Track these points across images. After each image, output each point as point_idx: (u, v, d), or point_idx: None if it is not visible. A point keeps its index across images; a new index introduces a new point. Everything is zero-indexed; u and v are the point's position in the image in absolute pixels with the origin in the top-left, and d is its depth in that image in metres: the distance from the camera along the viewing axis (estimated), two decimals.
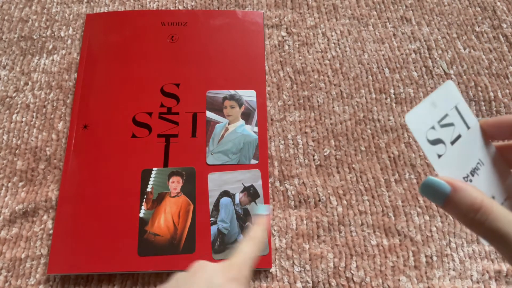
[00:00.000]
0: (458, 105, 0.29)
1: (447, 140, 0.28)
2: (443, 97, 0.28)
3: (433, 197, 0.24)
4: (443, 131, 0.28)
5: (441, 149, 0.27)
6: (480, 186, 0.27)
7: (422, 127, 0.27)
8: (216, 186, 0.48)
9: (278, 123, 0.53)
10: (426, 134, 0.27)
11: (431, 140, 0.27)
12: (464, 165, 0.27)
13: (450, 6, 0.61)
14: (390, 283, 0.44)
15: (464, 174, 0.27)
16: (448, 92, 0.29)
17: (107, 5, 0.60)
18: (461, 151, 0.28)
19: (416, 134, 0.27)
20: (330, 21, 0.60)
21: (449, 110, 0.28)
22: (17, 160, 0.50)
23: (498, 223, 0.22)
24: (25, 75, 0.55)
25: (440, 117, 0.28)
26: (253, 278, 0.45)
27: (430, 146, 0.27)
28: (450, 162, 0.27)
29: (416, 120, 0.27)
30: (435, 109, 0.28)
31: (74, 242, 0.45)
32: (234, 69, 0.54)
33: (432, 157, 0.27)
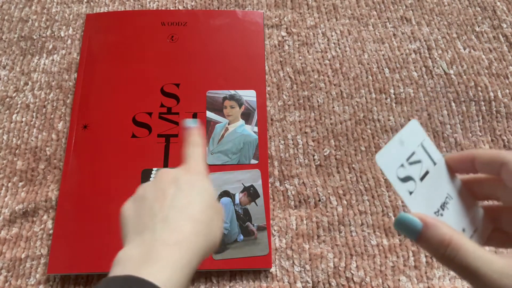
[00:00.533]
0: (423, 142, 0.30)
1: (416, 176, 0.29)
2: (409, 135, 0.29)
3: (406, 233, 0.25)
4: (412, 168, 0.29)
5: (411, 186, 0.28)
6: (451, 220, 0.28)
7: (392, 166, 0.28)
8: (216, 186, 0.48)
9: (278, 123, 0.53)
10: (397, 172, 0.28)
11: (401, 177, 0.28)
12: (434, 200, 0.28)
13: (450, 6, 0.61)
14: (390, 283, 0.44)
15: (435, 209, 0.28)
16: (414, 130, 0.30)
17: (107, 5, 0.60)
18: (430, 186, 0.29)
19: (387, 173, 0.28)
20: (330, 21, 0.60)
21: (415, 148, 0.29)
22: (17, 160, 0.50)
23: (467, 259, 0.23)
24: (25, 75, 0.55)
25: (408, 155, 0.29)
26: (253, 278, 0.45)
27: (401, 184, 0.28)
28: (421, 198, 0.28)
29: (386, 160, 0.28)
30: (403, 147, 0.29)
31: (74, 242, 0.45)
32: (234, 69, 0.54)
33: (403, 194, 0.28)
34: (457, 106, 0.54)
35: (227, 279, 0.45)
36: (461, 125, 0.53)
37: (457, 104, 0.54)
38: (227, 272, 0.45)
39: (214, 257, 0.44)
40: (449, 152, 0.31)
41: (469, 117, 0.53)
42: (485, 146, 0.52)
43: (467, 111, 0.54)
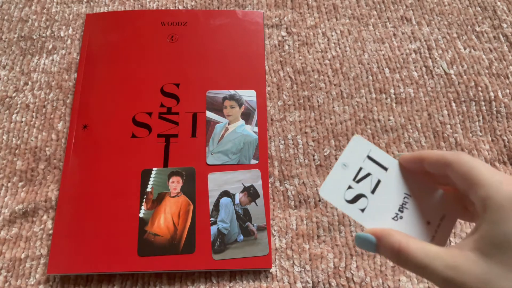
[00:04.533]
0: (370, 153, 0.30)
1: (367, 191, 0.29)
2: (352, 154, 0.30)
3: (367, 248, 0.28)
4: (361, 185, 0.29)
5: (363, 203, 0.29)
6: (412, 218, 0.29)
7: (338, 194, 0.29)
8: (216, 186, 0.48)
9: (278, 123, 0.52)
10: (344, 196, 0.29)
11: (350, 199, 0.29)
12: (391, 206, 0.29)
13: (450, 6, 0.61)
14: (390, 283, 0.44)
15: (393, 214, 0.29)
16: (357, 146, 0.30)
17: (107, 5, 0.60)
18: (384, 194, 0.29)
19: (334, 203, 0.29)
20: (330, 21, 0.60)
21: (361, 163, 0.30)
22: (17, 160, 0.50)
23: (416, 259, 0.24)
24: (25, 75, 0.55)
25: (354, 174, 0.30)
26: (253, 278, 0.45)
27: (351, 206, 0.29)
28: (375, 210, 0.29)
29: (330, 191, 0.29)
30: (347, 170, 0.30)
31: (74, 242, 0.45)
32: (234, 69, 0.54)
33: (355, 216, 0.29)
34: (458, 106, 0.54)
35: (227, 279, 0.45)
36: (461, 125, 0.53)
37: (458, 104, 0.54)
38: (227, 272, 0.45)
39: (214, 257, 0.44)
40: (402, 153, 0.31)
41: (470, 117, 0.53)
42: (485, 146, 0.52)
43: (468, 111, 0.54)
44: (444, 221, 0.29)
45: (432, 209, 0.29)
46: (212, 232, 0.45)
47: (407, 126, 0.53)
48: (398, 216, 0.29)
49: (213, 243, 0.45)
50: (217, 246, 0.45)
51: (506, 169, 0.50)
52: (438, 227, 0.28)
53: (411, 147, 0.51)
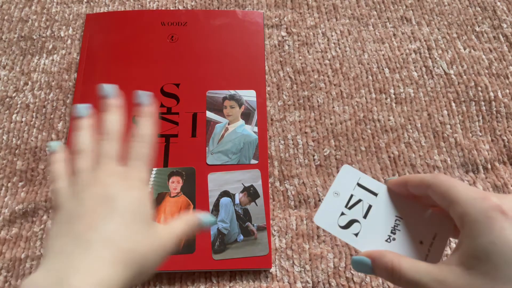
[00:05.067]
0: (360, 181, 0.32)
1: (359, 216, 0.31)
2: (342, 182, 0.32)
3: (363, 271, 0.29)
4: (353, 211, 0.31)
5: (356, 227, 0.31)
6: (404, 239, 0.30)
7: (332, 221, 0.31)
8: (216, 186, 0.48)
9: (278, 123, 0.53)
10: (338, 222, 0.31)
11: (344, 225, 0.31)
12: (383, 229, 0.31)
13: (450, 6, 0.61)
14: (390, 283, 0.44)
15: (385, 236, 0.30)
16: (346, 175, 0.32)
17: (107, 5, 0.60)
18: (376, 218, 0.31)
19: (328, 230, 0.31)
20: (330, 21, 0.60)
21: (352, 191, 0.32)
22: (17, 160, 0.50)
23: (407, 276, 0.26)
24: (25, 75, 0.55)
25: (346, 201, 0.31)
26: (253, 278, 0.45)
27: (345, 232, 0.31)
28: (369, 234, 0.30)
29: (324, 218, 0.31)
30: (339, 198, 0.31)
31: None
32: (234, 69, 0.54)
33: (349, 240, 0.30)
34: (457, 106, 0.54)
35: (227, 279, 0.45)
36: (461, 125, 0.53)
37: (457, 104, 0.54)
38: (227, 272, 0.45)
39: (214, 257, 0.44)
40: (389, 178, 0.33)
41: (469, 117, 0.53)
42: (485, 146, 0.52)
43: (467, 111, 0.54)
44: (436, 240, 0.30)
45: (424, 229, 0.30)
46: (212, 232, 0.45)
47: (407, 126, 0.53)
48: (391, 238, 0.30)
49: (213, 243, 0.45)
50: (217, 246, 0.45)
51: (506, 169, 0.50)
52: (431, 246, 0.30)
53: (411, 147, 0.51)
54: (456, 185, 0.26)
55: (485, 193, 0.25)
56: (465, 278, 0.24)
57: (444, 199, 0.27)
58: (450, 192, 0.26)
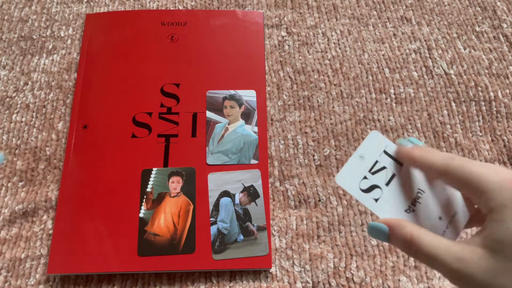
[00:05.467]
0: (386, 149, 0.31)
1: (382, 183, 0.31)
2: (369, 148, 0.31)
3: (379, 238, 0.29)
4: (376, 177, 0.31)
5: (377, 193, 0.30)
6: (423, 213, 0.30)
7: (353, 183, 0.31)
8: (216, 186, 0.48)
9: (278, 123, 0.53)
10: (359, 185, 0.31)
11: (365, 189, 0.31)
12: (404, 199, 0.30)
13: (450, 6, 0.61)
14: (390, 283, 0.44)
15: (406, 206, 0.30)
16: (374, 141, 0.32)
17: (107, 5, 0.60)
18: (398, 188, 0.30)
19: (349, 191, 0.30)
20: (330, 21, 0.60)
21: (378, 157, 0.31)
22: (17, 160, 0.50)
23: (428, 250, 0.26)
24: (25, 75, 0.55)
25: (370, 166, 0.31)
26: (253, 278, 0.45)
27: (366, 195, 0.30)
28: (388, 201, 0.30)
29: (346, 179, 0.31)
30: (363, 161, 0.31)
31: (74, 242, 0.45)
32: (234, 69, 0.54)
33: (369, 205, 0.30)
34: (457, 106, 0.54)
35: (227, 279, 0.45)
36: (461, 125, 0.53)
37: (457, 104, 0.54)
38: (227, 272, 0.45)
39: (214, 257, 0.44)
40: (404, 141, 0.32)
41: (469, 117, 0.53)
42: (485, 146, 0.52)
43: (467, 111, 0.54)
44: (455, 218, 0.29)
45: (445, 206, 0.30)
46: (212, 232, 0.45)
47: (407, 126, 0.53)
48: (411, 209, 0.30)
49: (213, 243, 0.45)
50: (217, 246, 0.45)
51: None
52: (449, 223, 0.29)
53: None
54: (476, 170, 0.25)
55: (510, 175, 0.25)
56: (487, 260, 0.24)
57: (465, 186, 0.26)
58: (471, 179, 0.25)
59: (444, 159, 0.27)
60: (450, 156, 0.27)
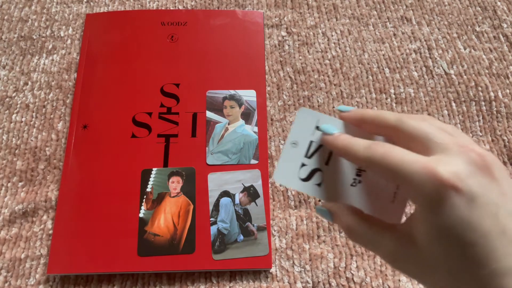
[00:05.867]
0: (318, 123, 0.29)
1: (321, 164, 0.28)
2: (300, 129, 0.29)
3: (326, 219, 0.29)
4: (314, 160, 0.28)
5: (318, 178, 0.28)
6: (370, 182, 0.28)
7: (292, 176, 0.28)
8: (216, 186, 0.48)
9: (278, 123, 0.52)
10: (299, 175, 0.28)
11: (305, 177, 0.28)
12: (347, 172, 0.28)
13: (450, 6, 0.61)
14: (391, 283, 0.44)
15: (350, 180, 0.28)
16: (304, 120, 0.29)
17: (106, 5, 0.60)
18: (338, 162, 0.28)
19: (290, 186, 0.28)
20: (330, 21, 0.59)
21: (311, 136, 0.29)
22: (16, 160, 0.50)
23: (362, 242, 0.26)
24: (24, 75, 0.55)
25: (305, 151, 0.29)
26: (253, 279, 0.45)
27: (307, 184, 0.28)
28: (332, 181, 0.28)
29: (283, 174, 0.28)
30: (297, 148, 0.29)
31: (73, 242, 0.45)
32: (234, 69, 0.54)
33: (312, 192, 0.28)
34: (458, 106, 0.54)
35: (227, 279, 0.44)
36: (462, 125, 0.53)
37: (458, 104, 0.54)
38: (227, 273, 0.45)
39: (214, 257, 0.44)
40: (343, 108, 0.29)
41: (470, 117, 0.53)
42: (485, 146, 0.51)
43: (468, 111, 0.54)
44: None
45: None
46: (212, 232, 0.45)
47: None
48: (356, 181, 0.28)
49: (213, 243, 0.45)
50: (217, 246, 0.45)
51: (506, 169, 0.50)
52: (397, 189, 0.27)
53: None
54: (396, 160, 0.23)
55: (431, 165, 0.21)
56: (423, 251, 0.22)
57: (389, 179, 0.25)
58: (392, 174, 0.23)
59: (365, 149, 0.25)
60: (370, 146, 0.25)
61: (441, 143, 0.23)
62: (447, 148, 0.23)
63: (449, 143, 0.23)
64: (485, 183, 0.21)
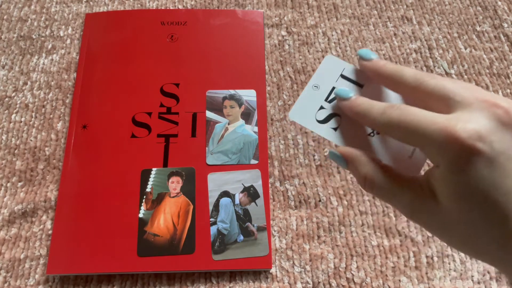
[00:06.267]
0: (344, 72, 0.29)
1: (341, 110, 0.28)
2: (324, 74, 0.29)
3: (340, 165, 0.27)
4: (333, 105, 0.28)
5: (335, 122, 0.28)
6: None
7: (309, 115, 0.28)
8: (216, 186, 0.47)
9: (278, 123, 0.52)
10: (316, 117, 0.28)
11: (322, 119, 0.28)
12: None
13: (451, 5, 0.61)
14: (391, 283, 0.44)
15: (369, 130, 0.28)
16: (329, 67, 0.29)
17: (106, 4, 0.60)
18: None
19: (304, 124, 0.28)
20: (330, 21, 0.59)
21: (334, 83, 0.29)
22: (16, 160, 0.50)
23: (379, 193, 0.25)
24: (24, 74, 0.55)
25: (326, 95, 0.28)
26: (253, 279, 0.45)
27: (323, 126, 0.28)
28: (349, 127, 0.28)
29: (300, 113, 0.28)
30: (318, 91, 0.28)
31: (73, 242, 0.45)
32: (234, 69, 0.54)
33: (327, 135, 0.28)
34: None
35: (227, 280, 0.44)
36: None
37: None
38: (227, 273, 0.45)
39: (214, 257, 0.44)
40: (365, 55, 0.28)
41: None
42: None
43: None
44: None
45: None
46: (212, 233, 0.45)
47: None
48: (375, 132, 0.28)
49: (213, 244, 0.45)
50: (217, 247, 0.45)
51: None
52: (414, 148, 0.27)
53: None
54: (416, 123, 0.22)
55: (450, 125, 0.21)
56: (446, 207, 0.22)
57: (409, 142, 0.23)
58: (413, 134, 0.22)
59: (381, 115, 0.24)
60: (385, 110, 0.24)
61: (461, 100, 0.22)
62: (469, 104, 0.22)
63: (470, 97, 0.22)
64: (508, 140, 0.20)
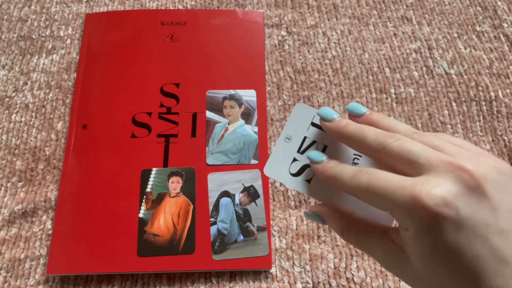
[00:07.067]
0: (314, 119, 0.29)
1: None
2: (295, 124, 0.29)
3: (317, 223, 0.29)
4: (306, 156, 0.28)
5: (309, 173, 0.28)
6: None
7: (282, 170, 0.28)
8: (216, 186, 0.47)
9: (278, 123, 0.52)
10: (289, 170, 0.28)
11: (296, 172, 0.28)
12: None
13: (450, 5, 0.61)
14: (391, 283, 0.44)
15: None
16: (299, 115, 0.29)
17: (106, 4, 0.60)
18: (331, 158, 0.28)
19: (279, 179, 0.28)
20: (330, 21, 0.59)
21: (305, 132, 0.29)
22: (16, 160, 0.50)
23: (356, 245, 0.26)
24: (24, 75, 0.55)
25: (298, 146, 0.28)
26: (253, 279, 0.45)
27: (297, 179, 0.28)
28: (322, 180, 0.28)
29: (274, 167, 0.28)
30: (290, 143, 0.28)
31: (73, 242, 0.45)
32: (234, 69, 0.54)
33: (302, 189, 0.28)
34: (458, 106, 0.54)
35: (227, 280, 0.44)
36: (462, 125, 0.53)
37: (458, 104, 0.54)
38: (227, 273, 0.45)
39: (214, 257, 0.44)
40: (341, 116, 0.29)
41: (470, 117, 0.53)
42: (486, 146, 0.51)
43: (468, 111, 0.54)
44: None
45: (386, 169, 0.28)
46: (212, 232, 0.45)
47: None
48: None
49: (213, 244, 0.45)
50: (217, 247, 0.45)
51: None
52: None
53: None
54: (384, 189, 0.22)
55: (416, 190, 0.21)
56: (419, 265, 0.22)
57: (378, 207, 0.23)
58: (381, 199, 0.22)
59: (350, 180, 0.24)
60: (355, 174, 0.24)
61: (426, 163, 0.22)
62: (434, 166, 0.22)
63: (435, 160, 0.22)
64: (473, 203, 0.20)
